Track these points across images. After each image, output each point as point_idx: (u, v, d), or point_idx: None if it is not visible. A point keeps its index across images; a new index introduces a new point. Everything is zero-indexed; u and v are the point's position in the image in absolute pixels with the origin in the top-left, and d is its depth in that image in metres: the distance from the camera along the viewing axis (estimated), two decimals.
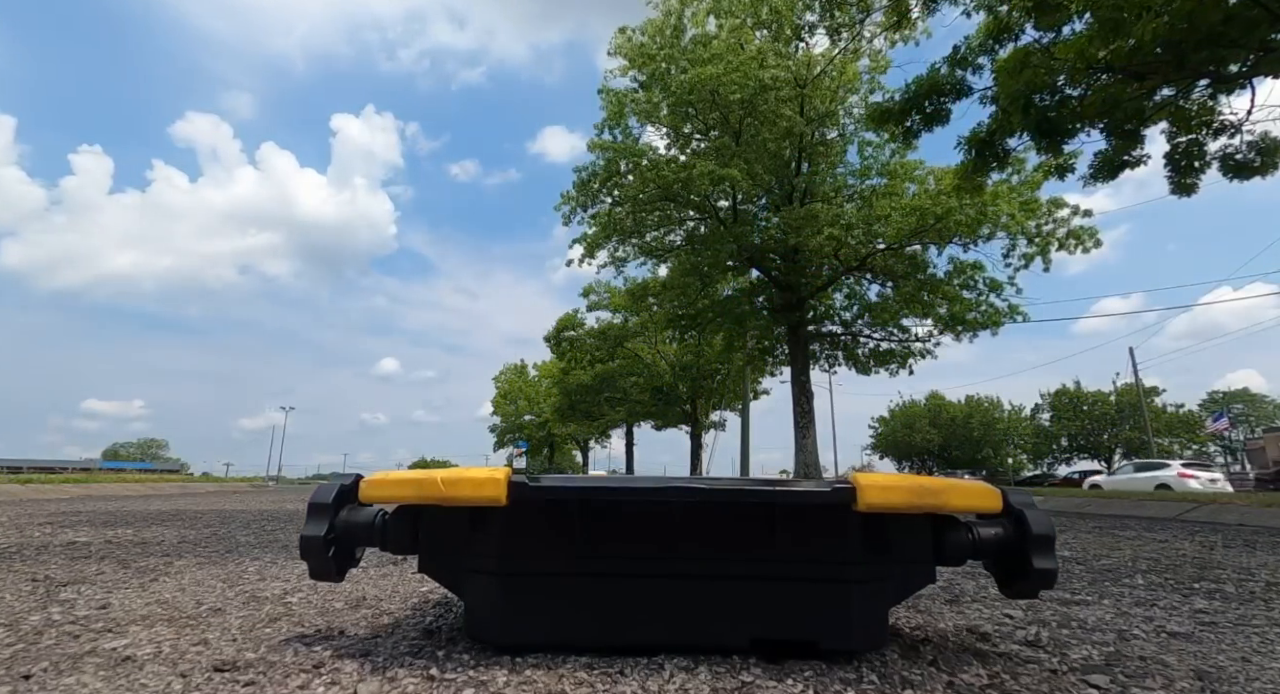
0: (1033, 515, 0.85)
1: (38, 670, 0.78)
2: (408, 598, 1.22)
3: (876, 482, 0.82)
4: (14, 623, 1.03)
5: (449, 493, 0.81)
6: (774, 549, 0.83)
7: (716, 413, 25.61)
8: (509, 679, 0.73)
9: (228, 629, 0.98)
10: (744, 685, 0.72)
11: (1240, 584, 1.62)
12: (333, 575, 0.86)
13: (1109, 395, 38.89)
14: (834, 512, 0.83)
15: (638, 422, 27.29)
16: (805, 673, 0.76)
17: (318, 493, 0.86)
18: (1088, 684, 0.76)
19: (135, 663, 0.80)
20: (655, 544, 0.83)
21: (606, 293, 18.77)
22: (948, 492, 0.83)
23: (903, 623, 1.05)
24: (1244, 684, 0.78)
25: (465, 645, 0.87)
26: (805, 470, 10.33)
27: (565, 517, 0.84)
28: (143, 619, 1.05)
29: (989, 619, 1.11)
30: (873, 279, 11.33)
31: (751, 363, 14.06)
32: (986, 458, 41.25)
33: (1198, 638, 1.02)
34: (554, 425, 31.52)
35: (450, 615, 1.07)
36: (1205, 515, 4.61)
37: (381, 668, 0.78)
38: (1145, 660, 0.87)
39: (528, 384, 36.85)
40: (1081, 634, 1.02)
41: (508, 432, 39.20)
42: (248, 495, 7.42)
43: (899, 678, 0.76)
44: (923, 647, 0.90)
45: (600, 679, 0.74)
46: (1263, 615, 1.23)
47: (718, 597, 0.82)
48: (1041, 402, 43.38)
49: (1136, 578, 1.69)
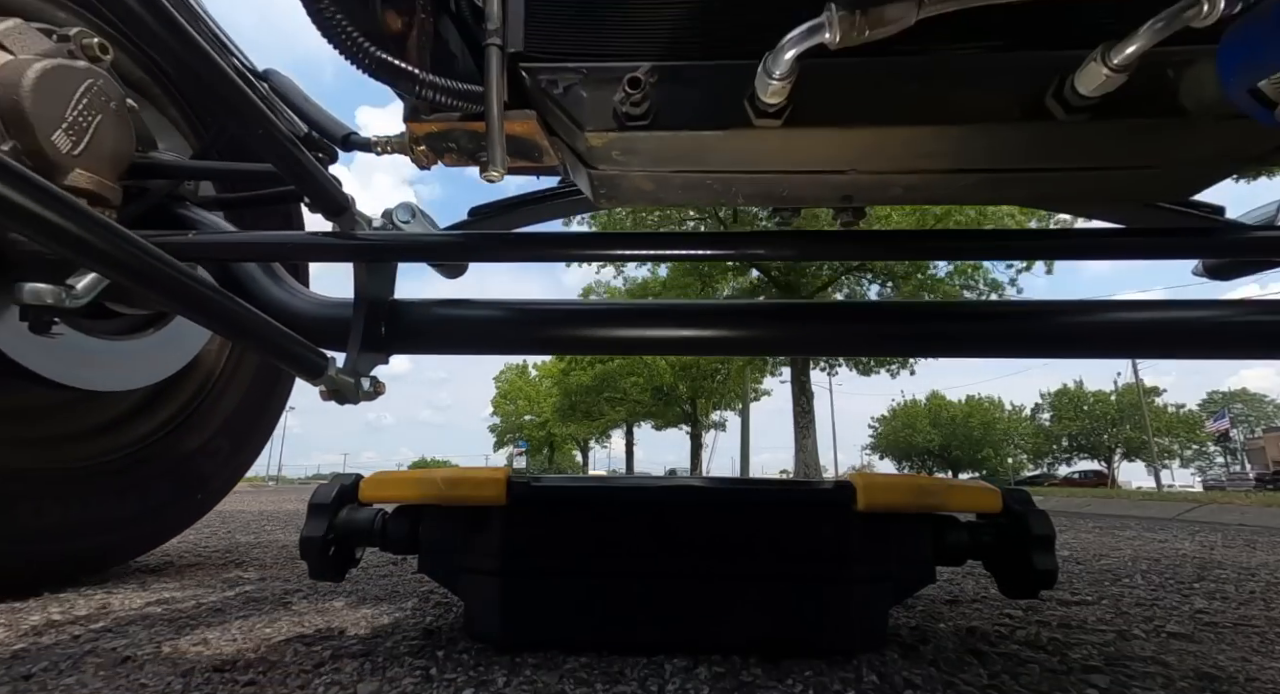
0: (1033, 515, 0.85)
1: (38, 670, 0.78)
2: (408, 598, 1.22)
3: (876, 481, 0.82)
4: (14, 623, 1.03)
5: (449, 493, 0.82)
6: (774, 548, 0.83)
7: (716, 413, 25.63)
8: (509, 679, 0.73)
9: (228, 629, 0.98)
10: (744, 685, 0.73)
11: (1240, 584, 1.62)
12: (333, 575, 0.87)
13: (1110, 395, 38.88)
14: (833, 511, 0.83)
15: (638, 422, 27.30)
16: (805, 673, 0.76)
17: (318, 493, 0.86)
18: (1088, 684, 0.76)
19: (135, 663, 0.80)
20: (655, 543, 0.83)
21: (606, 293, 18.80)
22: (948, 492, 0.83)
23: (903, 623, 1.05)
24: (1244, 684, 0.78)
25: (465, 645, 0.87)
26: (805, 470, 10.34)
27: (565, 516, 0.84)
28: (142, 619, 1.05)
29: (989, 619, 1.11)
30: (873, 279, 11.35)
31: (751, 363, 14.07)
32: (987, 458, 41.28)
33: (1198, 638, 1.02)
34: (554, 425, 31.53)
35: (450, 615, 1.07)
36: (1205, 515, 4.61)
37: (381, 668, 0.78)
38: (1145, 660, 0.88)
39: (528, 384, 36.88)
40: (1081, 634, 1.02)
41: (507, 432, 39.18)
42: (247, 495, 7.42)
43: (899, 678, 0.76)
44: (923, 647, 0.90)
45: (600, 679, 0.74)
46: (1262, 615, 1.23)
47: (717, 596, 0.82)
48: (1042, 401, 43.35)
49: (1136, 578, 1.69)
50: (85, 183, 1.06)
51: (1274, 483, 15.60)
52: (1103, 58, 0.60)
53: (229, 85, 0.85)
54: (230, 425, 1.74)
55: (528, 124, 0.76)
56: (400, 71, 0.68)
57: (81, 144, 1.06)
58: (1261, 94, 0.56)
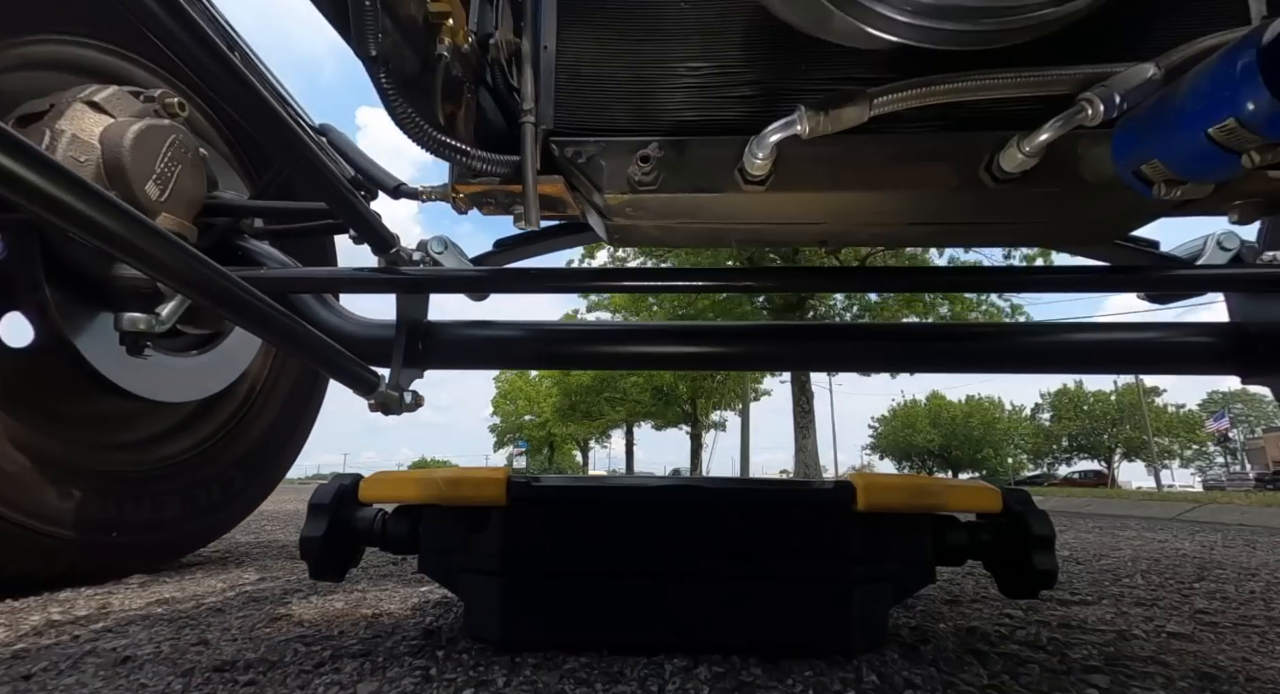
0: (1033, 515, 0.85)
1: (38, 670, 0.78)
2: (408, 598, 1.22)
3: (876, 481, 0.82)
4: (14, 623, 1.03)
5: (449, 493, 0.82)
6: (774, 548, 0.83)
7: (717, 413, 25.63)
8: (509, 679, 0.73)
9: (228, 629, 0.98)
10: (744, 685, 0.73)
11: (1240, 584, 1.62)
12: (332, 575, 0.87)
13: (1110, 395, 38.86)
14: (833, 511, 0.83)
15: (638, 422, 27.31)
16: (805, 673, 0.76)
17: (318, 493, 0.86)
18: (1088, 684, 0.76)
19: (135, 663, 0.80)
20: (655, 543, 0.83)
21: (607, 293, 18.78)
22: (948, 492, 0.83)
23: (903, 623, 1.05)
24: (1244, 684, 0.78)
25: (465, 645, 0.87)
26: (805, 470, 10.35)
27: (565, 516, 0.84)
28: (143, 619, 1.05)
29: (989, 619, 1.11)
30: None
31: None
32: (987, 458, 41.26)
33: (1198, 638, 1.02)
34: (554, 425, 31.53)
35: (450, 615, 1.07)
36: (1205, 515, 4.61)
37: (381, 668, 0.78)
38: (1145, 660, 0.88)
39: (528, 384, 36.84)
40: (1081, 634, 1.02)
41: (507, 432, 39.18)
42: None
43: (899, 678, 0.76)
44: (923, 647, 0.90)
45: (600, 679, 0.74)
46: (1262, 615, 1.23)
47: (717, 596, 0.82)
48: (1042, 401, 43.33)
49: (1136, 578, 1.69)
50: (171, 225, 1.23)
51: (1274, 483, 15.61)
52: (1018, 145, 0.74)
53: (299, 141, 0.99)
54: (269, 433, 1.93)
55: (556, 186, 0.90)
56: (458, 150, 0.84)
57: (167, 191, 1.26)
58: (1143, 174, 0.69)
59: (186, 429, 1.71)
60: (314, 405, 2.09)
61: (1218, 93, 0.58)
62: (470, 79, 0.91)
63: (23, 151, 0.52)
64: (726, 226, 0.98)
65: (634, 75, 0.84)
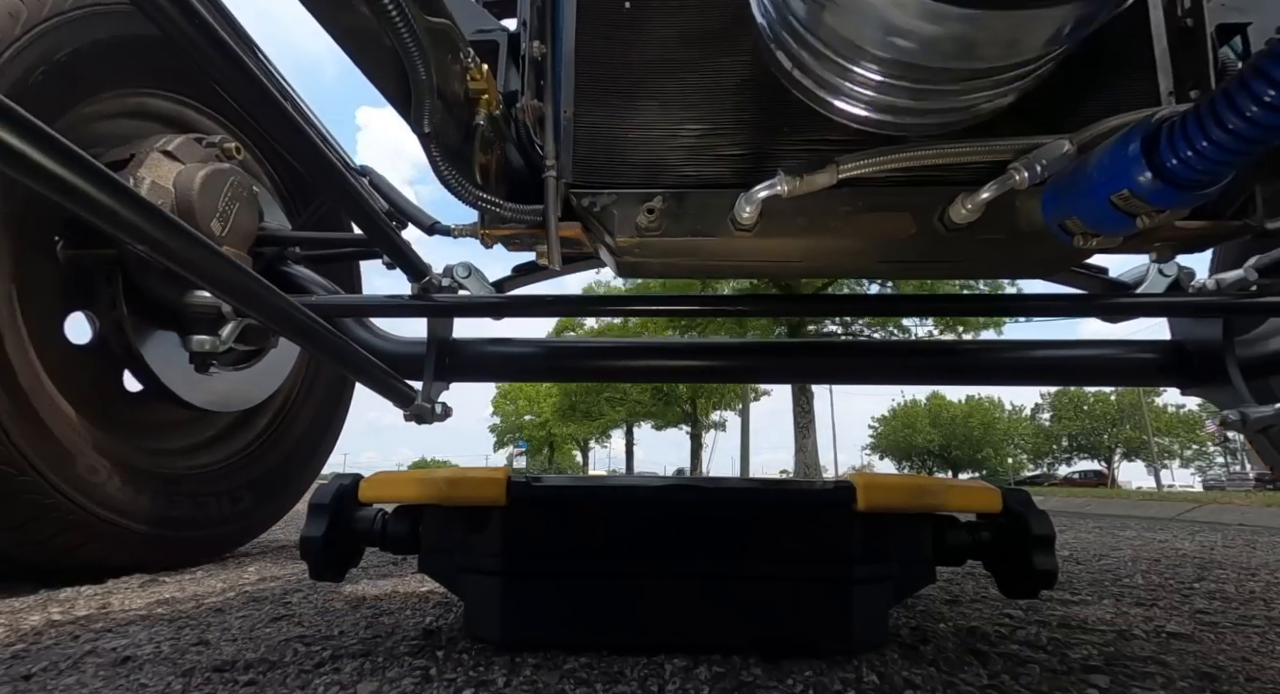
0: (1033, 515, 0.85)
1: (38, 670, 0.78)
2: (408, 598, 1.22)
3: (876, 481, 0.82)
4: (14, 623, 1.03)
5: (449, 493, 0.82)
6: (774, 548, 0.83)
7: (716, 413, 25.62)
8: (509, 679, 0.73)
9: (228, 629, 0.98)
10: (744, 685, 0.72)
11: (1240, 584, 1.62)
12: (333, 575, 0.87)
13: (1110, 395, 38.85)
14: (833, 511, 0.83)
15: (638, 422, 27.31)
16: (805, 673, 0.76)
17: (317, 493, 0.86)
18: (1088, 684, 0.76)
19: (135, 663, 0.80)
20: (655, 543, 0.83)
21: (607, 293, 18.81)
22: (948, 492, 0.83)
23: (903, 623, 1.05)
24: (1244, 684, 0.78)
25: (465, 645, 0.87)
26: (805, 470, 10.36)
27: (565, 516, 0.84)
28: (143, 619, 1.05)
29: (989, 619, 1.11)
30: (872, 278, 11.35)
31: None
32: (987, 458, 41.24)
33: (1198, 638, 1.02)
34: (554, 425, 31.53)
35: (450, 615, 1.07)
36: (1205, 515, 4.61)
37: (381, 668, 0.78)
38: (1145, 660, 0.88)
39: (528, 384, 36.82)
40: (1081, 634, 1.02)
41: (507, 432, 39.18)
42: None
43: (899, 678, 0.76)
44: (923, 647, 0.90)
45: (600, 679, 0.74)
46: (1262, 615, 1.23)
47: (717, 596, 0.82)
48: (1042, 401, 43.32)
49: (1136, 578, 1.69)
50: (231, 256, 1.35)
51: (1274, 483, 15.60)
52: (962, 202, 0.88)
53: (347, 183, 1.14)
54: (302, 441, 2.10)
55: (574, 231, 1.04)
56: (493, 204, 0.99)
57: (228, 226, 1.45)
58: (1066, 227, 0.84)
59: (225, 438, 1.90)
60: (341, 413, 2.29)
61: (1115, 168, 0.71)
62: (499, 139, 1.06)
63: (139, 204, 0.63)
64: (720, 264, 1.14)
65: (642, 137, 0.96)
